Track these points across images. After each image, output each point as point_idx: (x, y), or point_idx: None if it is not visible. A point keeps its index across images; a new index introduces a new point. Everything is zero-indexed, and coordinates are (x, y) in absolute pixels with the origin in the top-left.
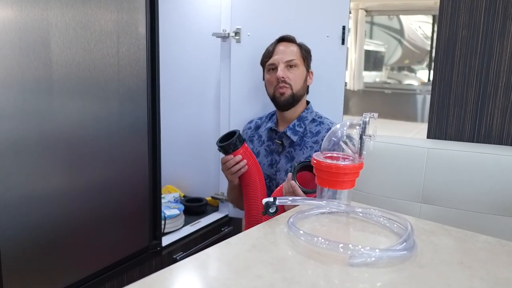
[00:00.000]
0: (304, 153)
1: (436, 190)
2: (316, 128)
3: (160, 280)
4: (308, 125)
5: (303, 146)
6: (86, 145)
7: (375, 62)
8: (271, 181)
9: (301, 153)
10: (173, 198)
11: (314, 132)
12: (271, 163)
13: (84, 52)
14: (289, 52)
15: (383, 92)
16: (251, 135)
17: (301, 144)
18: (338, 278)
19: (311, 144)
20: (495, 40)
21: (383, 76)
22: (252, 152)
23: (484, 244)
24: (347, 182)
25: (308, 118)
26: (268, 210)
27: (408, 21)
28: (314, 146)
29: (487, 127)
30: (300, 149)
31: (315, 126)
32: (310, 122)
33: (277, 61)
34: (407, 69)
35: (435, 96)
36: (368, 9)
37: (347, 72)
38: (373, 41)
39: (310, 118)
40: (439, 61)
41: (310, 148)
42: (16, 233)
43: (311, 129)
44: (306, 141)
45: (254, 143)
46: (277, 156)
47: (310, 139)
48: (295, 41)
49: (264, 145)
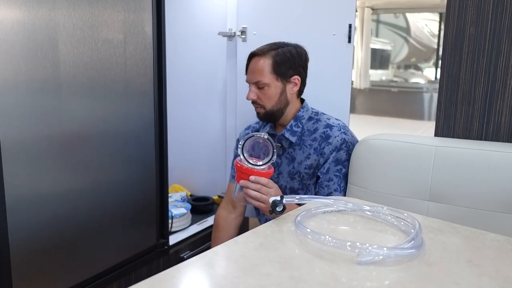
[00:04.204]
0: (304, 152)
1: (444, 188)
2: (314, 125)
3: (168, 279)
4: (306, 124)
5: (302, 145)
6: (93, 145)
7: (381, 61)
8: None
9: (301, 152)
10: (180, 197)
11: (311, 130)
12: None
13: (91, 51)
14: (258, 72)
15: (389, 90)
16: None
17: (300, 144)
18: (346, 276)
19: (310, 142)
20: (504, 37)
21: (390, 75)
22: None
23: (492, 242)
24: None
25: (305, 116)
26: (275, 209)
27: (414, 19)
28: (313, 144)
29: (496, 125)
30: (299, 149)
31: (312, 124)
32: (307, 120)
33: (248, 81)
34: (413, 67)
35: (443, 93)
36: (374, 7)
37: (353, 70)
38: (379, 39)
39: (306, 116)
40: (447, 59)
41: (309, 146)
42: (25, 232)
43: (309, 127)
44: (304, 140)
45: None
46: (278, 159)
47: (309, 137)
48: (267, 52)
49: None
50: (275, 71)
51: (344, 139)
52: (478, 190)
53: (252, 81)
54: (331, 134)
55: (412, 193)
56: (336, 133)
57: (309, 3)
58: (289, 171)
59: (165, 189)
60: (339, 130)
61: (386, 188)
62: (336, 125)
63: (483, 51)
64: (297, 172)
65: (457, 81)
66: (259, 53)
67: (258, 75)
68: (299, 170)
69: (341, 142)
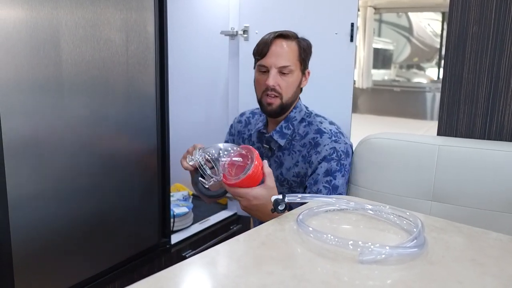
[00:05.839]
0: (293, 158)
1: (447, 188)
2: (305, 129)
3: (170, 277)
4: (297, 126)
5: (291, 150)
6: (95, 143)
7: (383, 60)
8: None
9: (290, 158)
10: (182, 196)
11: (302, 134)
12: None
13: (93, 50)
14: (285, 56)
15: (392, 90)
16: (242, 132)
17: (289, 148)
18: (348, 275)
19: (299, 148)
20: (507, 36)
21: (392, 74)
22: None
23: (495, 241)
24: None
25: (297, 118)
26: (277, 208)
27: (417, 19)
28: (302, 150)
29: (499, 124)
30: (288, 154)
31: (303, 127)
32: (299, 122)
33: (269, 65)
34: (416, 67)
35: (446, 92)
36: (376, 7)
37: (356, 70)
38: (381, 39)
39: (298, 118)
40: (450, 58)
41: (299, 153)
42: (26, 231)
43: (299, 130)
44: (294, 145)
45: (245, 142)
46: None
47: (298, 143)
48: (296, 37)
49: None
50: (300, 59)
51: (335, 148)
52: (481, 189)
53: (277, 65)
54: (320, 142)
55: (414, 193)
56: (326, 141)
57: (311, 2)
58: (278, 177)
59: (167, 188)
60: (329, 137)
61: (388, 188)
62: (327, 131)
63: (486, 50)
64: (285, 179)
65: (460, 80)
66: (287, 36)
67: (285, 59)
68: (287, 178)
69: (330, 151)
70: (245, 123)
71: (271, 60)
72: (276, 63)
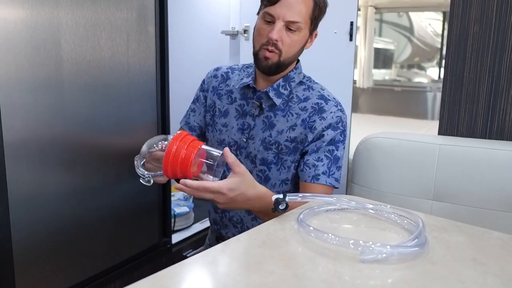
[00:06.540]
0: (288, 121)
1: (448, 187)
2: (304, 93)
3: (171, 276)
4: (295, 88)
5: (288, 112)
6: (95, 143)
7: (384, 60)
8: (239, 150)
9: (285, 120)
10: (183, 196)
11: (301, 98)
12: (242, 127)
13: (94, 50)
14: (297, 10)
15: (392, 89)
16: (219, 87)
17: (285, 110)
18: (349, 274)
19: (298, 111)
20: (508, 35)
21: (393, 74)
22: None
23: (497, 241)
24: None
25: (295, 79)
26: (278, 207)
27: (418, 19)
28: (302, 114)
29: (500, 123)
30: (283, 115)
31: (303, 90)
32: (297, 84)
33: (277, 16)
34: (417, 67)
35: (447, 92)
36: (377, 6)
37: (357, 70)
38: (382, 38)
39: (297, 80)
40: (451, 57)
41: (297, 116)
42: (28, 230)
43: (298, 92)
44: (291, 106)
45: (222, 99)
46: (251, 120)
47: (297, 105)
48: None
49: (235, 104)
50: (312, 17)
51: (340, 117)
52: (482, 188)
53: (285, 18)
54: (326, 109)
55: (415, 192)
56: (332, 108)
57: None
58: (264, 139)
59: (167, 187)
60: (335, 105)
61: (389, 187)
62: (332, 99)
63: (487, 49)
64: (275, 142)
65: (461, 79)
66: None
67: (296, 14)
68: (278, 140)
69: (337, 120)
70: (223, 78)
71: (281, 11)
72: (285, 16)
